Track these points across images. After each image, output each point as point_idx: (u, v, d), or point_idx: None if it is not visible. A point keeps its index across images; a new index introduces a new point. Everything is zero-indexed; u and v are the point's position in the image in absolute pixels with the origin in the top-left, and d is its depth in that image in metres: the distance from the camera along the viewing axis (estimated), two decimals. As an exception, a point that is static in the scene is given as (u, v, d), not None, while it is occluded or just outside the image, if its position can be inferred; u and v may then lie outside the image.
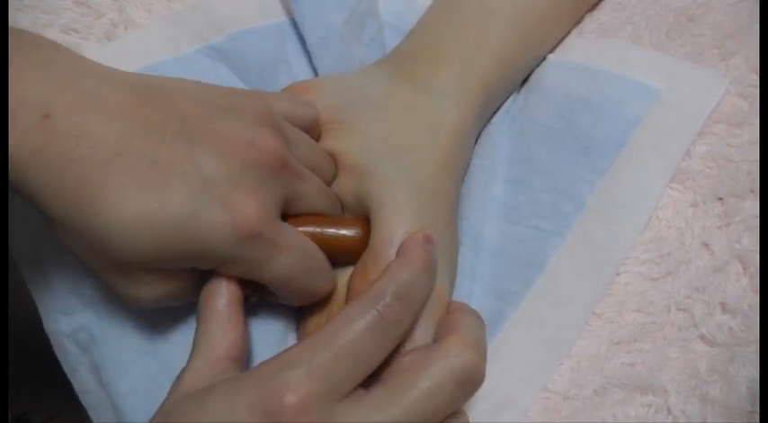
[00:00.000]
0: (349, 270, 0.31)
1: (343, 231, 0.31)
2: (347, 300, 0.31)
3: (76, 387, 0.35)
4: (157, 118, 0.27)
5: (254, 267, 0.28)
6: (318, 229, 0.30)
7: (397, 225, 0.30)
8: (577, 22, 0.41)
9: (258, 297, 0.31)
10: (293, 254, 0.29)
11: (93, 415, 0.35)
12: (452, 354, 0.26)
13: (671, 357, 0.32)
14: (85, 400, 0.35)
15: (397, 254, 0.29)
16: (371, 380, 0.26)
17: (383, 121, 0.33)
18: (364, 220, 0.32)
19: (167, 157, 0.26)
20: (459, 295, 0.33)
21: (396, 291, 0.26)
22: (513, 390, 0.32)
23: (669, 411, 0.31)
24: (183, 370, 0.27)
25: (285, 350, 0.25)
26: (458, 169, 0.34)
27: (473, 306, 0.30)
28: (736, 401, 0.31)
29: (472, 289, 0.34)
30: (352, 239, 0.31)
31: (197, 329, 0.28)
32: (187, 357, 0.28)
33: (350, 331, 0.25)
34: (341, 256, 0.31)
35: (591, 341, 0.32)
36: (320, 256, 0.30)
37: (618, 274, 0.33)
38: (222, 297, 0.28)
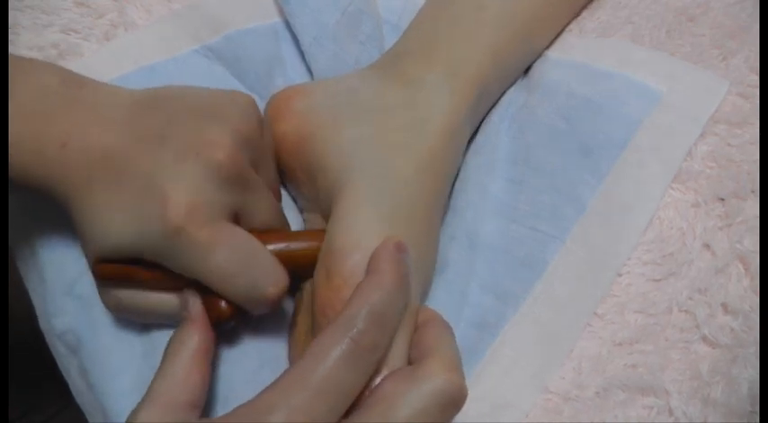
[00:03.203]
0: None
1: (303, 244, 0.31)
2: (314, 310, 0.30)
3: (71, 387, 0.35)
4: (147, 124, 0.30)
5: (188, 263, 0.28)
6: (276, 245, 0.30)
7: (361, 230, 0.29)
8: (578, 21, 0.41)
9: (237, 322, 0.30)
10: (229, 251, 0.28)
11: (87, 415, 0.35)
12: (435, 378, 0.25)
13: (673, 358, 0.32)
14: (79, 399, 0.35)
15: (368, 270, 0.27)
16: (351, 405, 0.25)
17: (370, 124, 0.33)
18: (322, 233, 0.31)
19: (134, 162, 0.29)
20: (451, 292, 0.33)
21: (369, 314, 0.25)
22: (513, 391, 0.32)
23: (671, 413, 0.31)
24: (136, 413, 0.26)
25: (262, 392, 0.24)
26: (446, 167, 0.34)
27: (470, 303, 0.30)
28: (737, 402, 0.30)
29: (467, 285, 0.34)
30: (312, 252, 0.31)
31: (158, 371, 0.27)
32: None
33: (325, 364, 0.24)
34: (301, 268, 0.31)
35: (592, 342, 0.32)
36: (264, 256, 0.29)
37: (620, 275, 0.33)
38: (190, 341, 0.28)
